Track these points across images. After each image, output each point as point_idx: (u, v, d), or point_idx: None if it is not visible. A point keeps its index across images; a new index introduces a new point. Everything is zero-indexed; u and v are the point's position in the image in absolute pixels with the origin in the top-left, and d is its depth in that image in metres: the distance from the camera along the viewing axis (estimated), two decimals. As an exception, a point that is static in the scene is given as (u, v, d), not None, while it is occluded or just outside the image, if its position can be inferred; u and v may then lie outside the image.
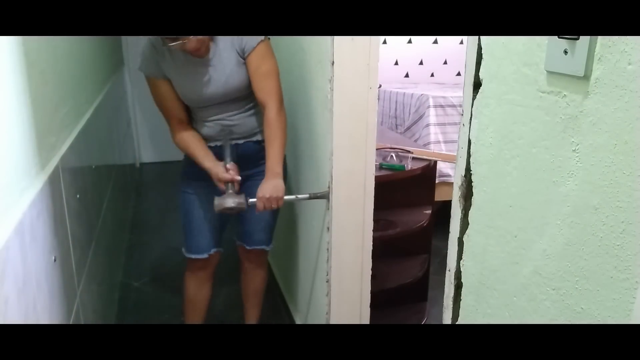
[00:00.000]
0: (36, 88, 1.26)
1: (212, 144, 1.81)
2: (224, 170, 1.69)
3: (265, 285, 2.12)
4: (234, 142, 1.79)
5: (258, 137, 1.84)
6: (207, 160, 1.74)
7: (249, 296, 2.12)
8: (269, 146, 1.70)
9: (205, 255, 1.89)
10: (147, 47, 1.72)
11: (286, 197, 1.69)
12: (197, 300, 2.00)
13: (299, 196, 1.74)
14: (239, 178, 1.69)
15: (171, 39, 1.54)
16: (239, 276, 2.10)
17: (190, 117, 1.84)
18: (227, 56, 1.69)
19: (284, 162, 1.83)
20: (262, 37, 1.67)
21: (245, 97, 1.78)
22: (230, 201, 1.64)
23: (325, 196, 1.70)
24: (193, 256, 1.89)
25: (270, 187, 1.65)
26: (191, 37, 1.54)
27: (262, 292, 2.13)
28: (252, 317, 2.14)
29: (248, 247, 1.96)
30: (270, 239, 1.97)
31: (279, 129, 1.70)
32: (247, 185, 1.85)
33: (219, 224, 1.91)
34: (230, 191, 1.67)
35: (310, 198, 1.73)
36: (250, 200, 1.66)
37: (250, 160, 1.84)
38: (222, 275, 2.13)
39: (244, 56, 1.69)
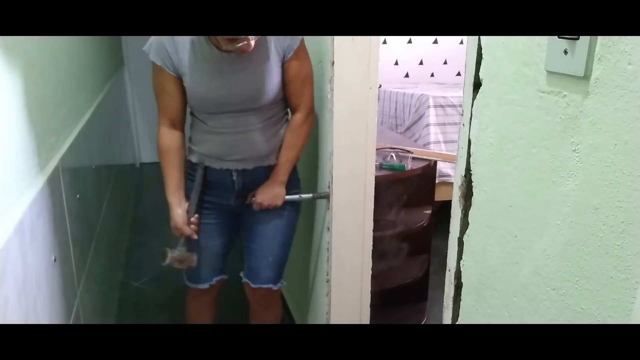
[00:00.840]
0: (36, 88, 1.26)
1: (213, 166, 1.60)
2: (186, 221, 1.57)
3: (279, 322, 1.92)
4: (241, 167, 1.59)
5: (271, 162, 1.62)
6: (174, 196, 1.58)
7: None
8: (286, 151, 1.59)
9: (206, 286, 1.73)
10: (166, 37, 1.49)
11: (290, 197, 1.67)
12: (199, 322, 1.88)
13: (303, 195, 1.71)
14: (196, 237, 1.60)
15: (229, 40, 1.35)
16: (248, 311, 1.89)
17: (194, 123, 1.63)
18: (265, 55, 1.49)
19: (295, 170, 1.72)
20: (301, 37, 1.53)
21: (271, 108, 1.57)
22: (179, 260, 1.59)
23: (327, 196, 1.70)
24: (194, 286, 1.74)
25: (271, 194, 1.60)
26: (251, 40, 1.36)
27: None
28: None
29: (253, 286, 1.70)
30: (279, 276, 1.72)
31: (302, 138, 1.61)
32: (247, 219, 1.70)
33: (223, 251, 1.75)
34: (183, 247, 1.59)
35: (314, 198, 1.72)
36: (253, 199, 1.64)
37: (257, 188, 1.63)
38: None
39: (284, 58, 1.52)
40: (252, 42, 1.38)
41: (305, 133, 1.62)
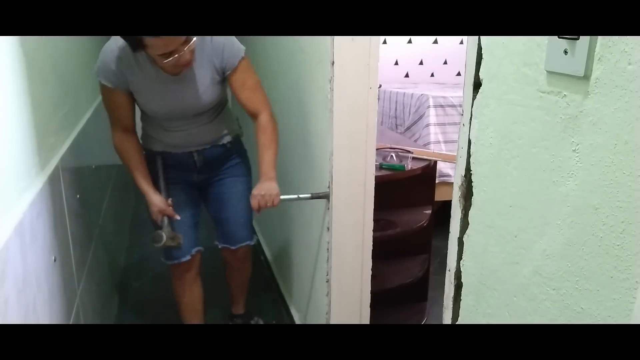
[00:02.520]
0: (36, 88, 1.26)
1: (174, 151, 1.80)
2: (165, 202, 1.73)
3: (250, 274, 2.18)
4: (201, 147, 1.79)
5: (224, 141, 1.84)
6: (148, 186, 1.74)
7: (237, 288, 2.18)
8: (264, 152, 1.69)
9: (188, 257, 1.86)
10: (109, 57, 1.60)
11: (288, 197, 1.69)
12: (191, 302, 1.99)
13: (301, 195, 1.74)
14: (178, 217, 1.76)
15: (165, 55, 1.47)
16: (223, 273, 2.15)
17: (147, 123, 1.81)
18: (202, 74, 1.65)
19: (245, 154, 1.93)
20: (242, 54, 1.66)
21: (213, 109, 1.77)
22: (170, 238, 1.71)
23: (327, 196, 1.70)
24: (174, 262, 1.85)
25: (265, 186, 1.64)
26: (185, 50, 1.48)
27: (248, 282, 2.20)
28: (240, 303, 2.23)
29: (234, 247, 1.97)
30: (251, 233, 2.00)
31: (273, 136, 1.71)
32: (216, 186, 1.90)
33: (195, 222, 1.90)
34: (168, 227, 1.73)
35: (312, 198, 1.73)
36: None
37: (215, 163, 1.85)
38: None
39: (224, 74, 1.68)
40: (188, 55, 1.52)
41: (275, 130, 1.73)
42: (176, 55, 1.48)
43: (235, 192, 1.90)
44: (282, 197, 1.66)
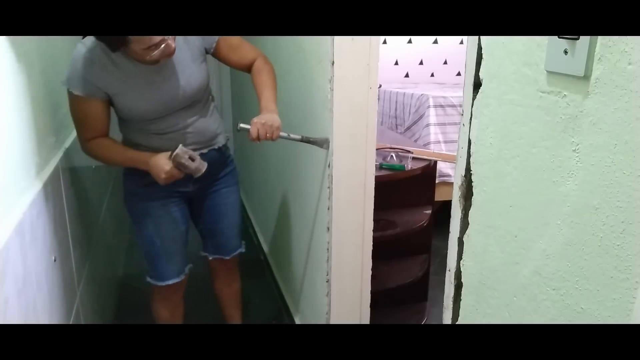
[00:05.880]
0: (36, 88, 1.26)
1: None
2: (168, 156, 1.52)
3: (240, 282, 2.07)
4: (198, 152, 1.60)
5: (219, 143, 1.73)
6: (145, 155, 1.54)
7: (230, 299, 2.05)
8: (262, 89, 1.61)
9: (182, 277, 1.78)
10: (80, 63, 1.46)
11: (288, 134, 1.60)
12: (175, 322, 1.90)
13: (292, 135, 1.62)
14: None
15: (152, 48, 1.39)
16: (211, 286, 2.02)
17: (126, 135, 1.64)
18: (182, 56, 1.55)
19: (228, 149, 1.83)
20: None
21: (204, 99, 1.67)
22: (193, 157, 1.53)
23: (319, 143, 1.65)
24: (167, 283, 1.74)
25: (267, 116, 1.52)
26: (169, 40, 1.40)
27: (240, 294, 2.07)
28: (236, 317, 2.09)
29: (227, 257, 1.90)
30: (241, 239, 1.93)
31: (270, 74, 1.64)
32: (211, 198, 1.79)
33: (186, 239, 1.80)
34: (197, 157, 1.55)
35: (302, 141, 1.65)
36: (242, 125, 1.54)
37: (212, 170, 1.66)
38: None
39: (210, 50, 1.62)
40: (171, 42, 1.42)
41: (271, 71, 1.66)
42: (162, 46, 1.40)
43: (230, 202, 1.84)
44: (281, 133, 1.55)
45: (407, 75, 4.20)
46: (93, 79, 1.46)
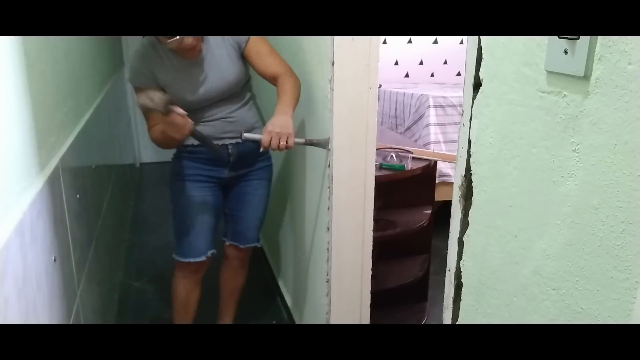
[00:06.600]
0: (36, 88, 1.26)
1: (214, 142, 1.79)
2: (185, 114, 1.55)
3: (244, 282, 2.14)
4: (234, 141, 1.79)
5: (257, 133, 1.76)
6: (160, 125, 1.61)
7: (229, 294, 2.12)
8: (282, 93, 1.64)
9: (202, 258, 1.86)
10: (137, 59, 1.72)
11: (300, 140, 1.63)
12: (188, 303, 1.99)
13: (297, 139, 1.60)
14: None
15: (168, 37, 1.53)
16: (217, 274, 2.10)
17: None
18: (219, 53, 1.71)
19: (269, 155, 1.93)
20: None
21: (241, 92, 1.80)
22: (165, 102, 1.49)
23: (322, 145, 1.65)
24: (189, 260, 1.85)
25: (281, 121, 1.53)
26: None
27: (241, 291, 2.14)
28: (229, 315, 2.14)
29: (242, 246, 1.98)
30: (259, 235, 2.01)
31: (294, 84, 1.68)
32: (242, 185, 1.90)
33: (215, 224, 1.91)
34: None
35: (306, 144, 1.69)
36: (247, 134, 1.63)
37: (248, 160, 1.87)
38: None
39: (240, 49, 1.72)
40: (190, 40, 1.56)
41: (296, 82, 1.69)
42: (177, 37, 1.53)
43: (258, 194, 1.93)
44: (296, 140, 1.57)
45: (407, 75, 4.21)
46: (147, 72, 1.69)
